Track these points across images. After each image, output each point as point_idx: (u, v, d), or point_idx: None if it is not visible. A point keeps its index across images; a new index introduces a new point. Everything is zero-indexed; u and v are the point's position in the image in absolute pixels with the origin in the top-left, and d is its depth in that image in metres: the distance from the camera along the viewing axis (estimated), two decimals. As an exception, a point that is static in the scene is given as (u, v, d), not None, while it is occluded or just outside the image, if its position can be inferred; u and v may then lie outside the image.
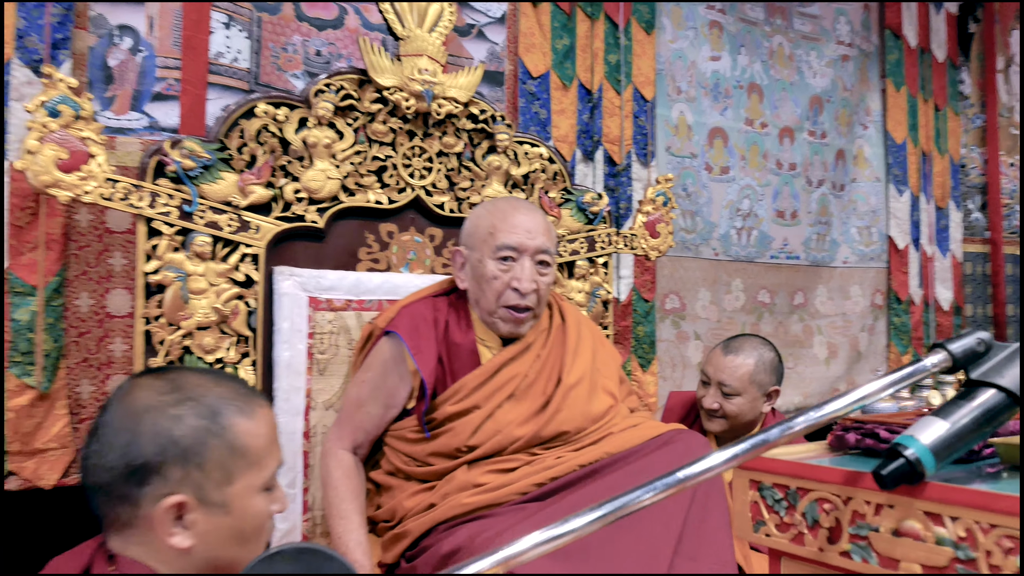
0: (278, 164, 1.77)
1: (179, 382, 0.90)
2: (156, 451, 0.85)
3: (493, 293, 1.62)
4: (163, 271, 1.62)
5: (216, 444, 0.87)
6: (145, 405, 0.87)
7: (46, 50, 2.19)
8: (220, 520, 0.88)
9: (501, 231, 1.63)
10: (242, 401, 0.91)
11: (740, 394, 2.08)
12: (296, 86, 2.59)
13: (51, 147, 1.53)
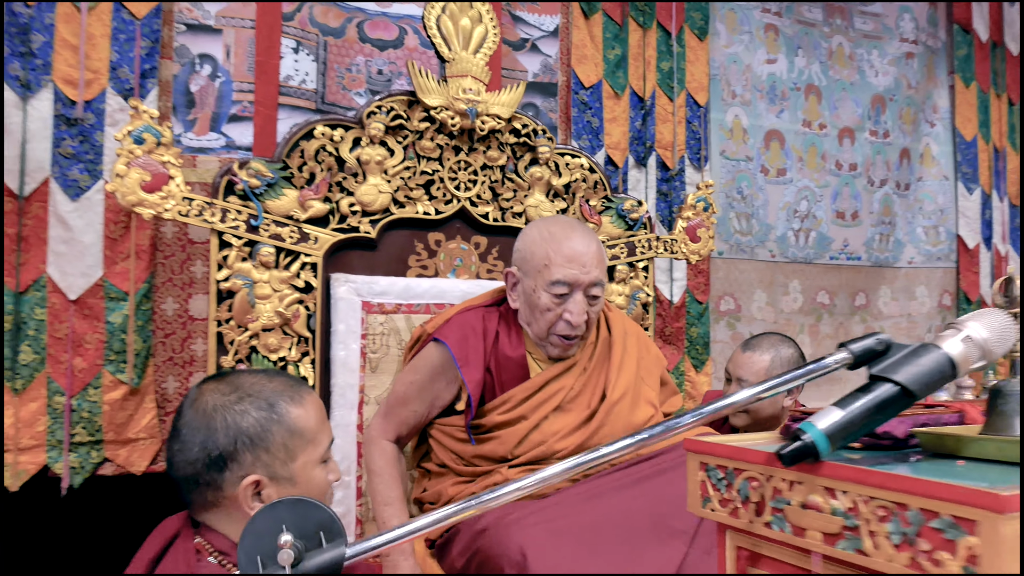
0: (334, 180, 1.95)
1: (237, 383, 1.06)
2: (229, 442, 1.01)
3: (545, 323, 1.69)
4: (233, 279, 1.82)
5: (277, 429, 1.03)
6: (214, 405, 1.03)
7: (135, 79, 2.44)
8: (290, 491, 1.04)
9: (556, 264, 1.66)
10: (292, 391, 1.07)
11: None
12: (359, 103, 2.78)
13: (136, 171, 1.74)
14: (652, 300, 2.34)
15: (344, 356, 1.91)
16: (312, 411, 1.08)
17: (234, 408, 1.02)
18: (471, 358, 1.69)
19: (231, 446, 1.01)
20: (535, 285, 1.69)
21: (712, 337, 3.43)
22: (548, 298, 1.67)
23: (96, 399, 2.35)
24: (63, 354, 2.32)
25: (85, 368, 2.34)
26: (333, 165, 1.95)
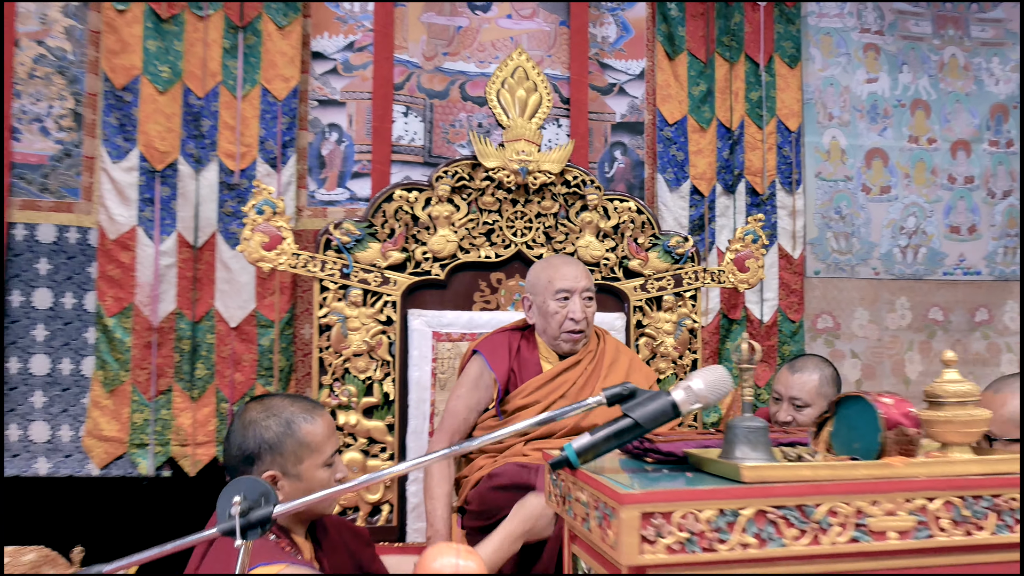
0: (410, 233, 2.41)
1: (268, 404, 1.52)
2: (255, 447, 1.47)
3: (556, 323, 2.14)
4: (330, 315, 2.33)
5: (289, 441, 1.48)
6: (249, 419, 1.50)
7: (278, 149, 3.05)
8: (297, 484, 1.48)
9: (557, 279, 2.16)
10: (306, 413, 1.51)
11: (810, 405, 2.33)
12: (462, 154, 3.24)
13: (259, 235, 2.30)
14: (698, 326, 2.58)
15: (418, 376, 2.36)
16: (320, 427, 1.51)
17: (261, 423, 1.48)
18: (499, 359, 2.15)
19: (256, 450, 1.46)
20: (544, 298, 2.16)
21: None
22: (555, 304, 2.14)
23: (251, 405, 2.98)
24: (227, 370, 2.97)
25: (243, 381, 2.97)
26: (409, 221, 2.41)
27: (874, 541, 0.93)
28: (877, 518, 0.93)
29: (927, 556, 0.96)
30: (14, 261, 2.85)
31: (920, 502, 0.95)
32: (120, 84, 2.92)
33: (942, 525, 0.95)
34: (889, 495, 0.94)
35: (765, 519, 0.91)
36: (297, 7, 3.08)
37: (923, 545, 0.95)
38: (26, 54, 2.91)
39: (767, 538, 0.91)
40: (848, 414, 1.07)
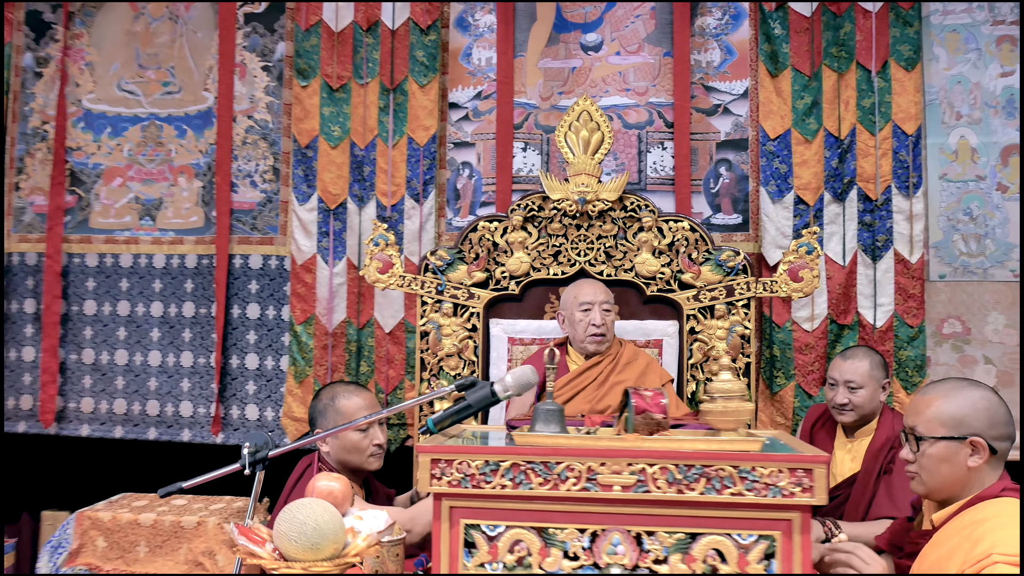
0: (491, 257, 2.94)
1: (330, 386, 2.15)
2: (313, 415, 2.11)
3: (582, 328, 2.63)
4: (428, 324, 2.93)
5: (330, 410, 2.10)
6: (318, 396, 2.14)
7: (420, 186, 3.73)
8: (334, 443, 2.09)
9: (580, 295, 2.70)
10: (348, 392, 2.13)
11: (863, 387, 2.60)
12: (576, 179, 3.69)
13: (375, 262, 2.97)
14: (751, 332, 2.82)
15: (496, 374, 2.89)
16: (355, 402, 2.11)
17: (320, 399, 2.11)
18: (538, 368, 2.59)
19: (314, 416, 2.10)
20: (572, 311, 2.69)
21: (934, 359, 3.51)
22: (580, 314, 2.65)
23: (401, 397, 3.69)
24: (383, 367, 3.70)
25: (394, 376, 3.69)
26: (490, 247, 2.94)
27: (601, 491, 1.31)
28: (604, 475, 1.31)
29: (645, 507, 1.31)
30: (233, 283, 3.82)
31: (641, 465, 1.30)
32: (304, 143, 3.78)
33: (658, 484, 1.30)
34: (616, 459, 1.31)
35: (519, 469, 1.33)
36: (435, 68, 3.74)
37: (641, 497, 1.30)
38: (240, 126, 3.88)
39: (519, 482, 1.33)
40: (630, 403, 1.43)
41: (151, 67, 3.97)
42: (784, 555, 1.29)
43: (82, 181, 3.97)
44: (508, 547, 1.35)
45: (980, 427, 1.66)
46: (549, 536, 1.34)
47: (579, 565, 1.33)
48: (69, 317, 3.93)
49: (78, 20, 4.02)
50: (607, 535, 1.33)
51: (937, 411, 1.68)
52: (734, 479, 1.28)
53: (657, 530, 1.31)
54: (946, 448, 1.67)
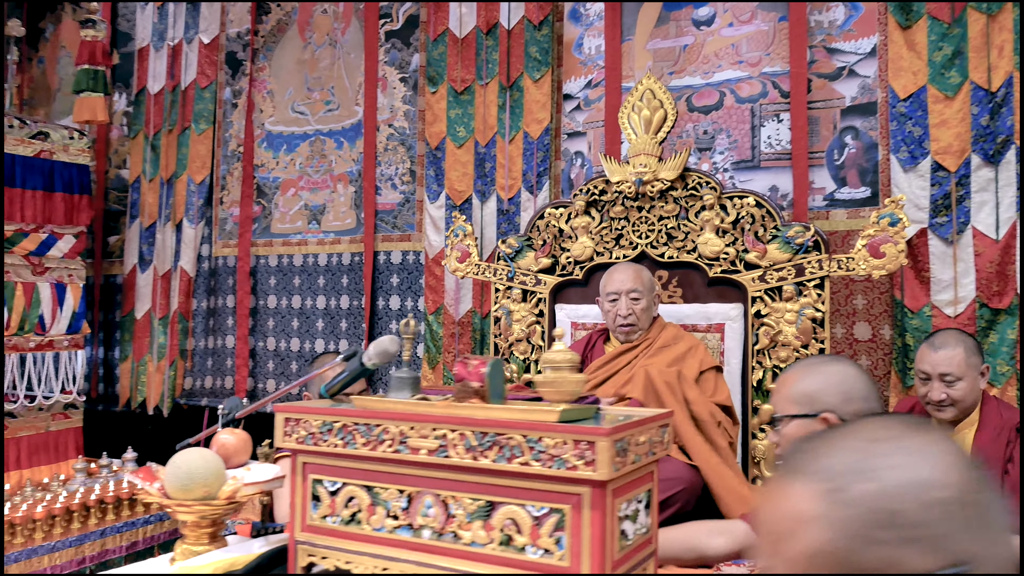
0: (557, 243, 2.97)
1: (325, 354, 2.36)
2: None
3: (611, 319, 2.61)
4: (500, 310, 3.04)
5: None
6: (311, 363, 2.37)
7: (534, 178, 3.83)
8: None
9: (608, 285, 2.66)
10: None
11: (962, 378, 2.28)
12: (690, 162, 3.57)
13: (455, 252, 3.14)
14: (823, 316, 2.54)
15: (561, 358, 2.91)
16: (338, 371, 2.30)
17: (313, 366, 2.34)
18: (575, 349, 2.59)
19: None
20: (603, 300, 2.67)
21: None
22: (608, 304, 2.63)
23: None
24: (502, 353, 3.85)
25: (511, 362, 3.82)
26: (556, 233, 2.97)
27: (410, 454, 1.36)
28: (413, 439, 1.35)
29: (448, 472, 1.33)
30: (378, 278, 4.22)
31: (443, 431, 1.33)
32: (434, 145, 4.07)
33: (457, 450, 1.32)
34: (422, 424, 1.35)
35: (348, 430, 1.42)
36: (548, 62, 3.82)
37: (442, 462, 1.33)
38: (382, 135, 4.27)
39: (347, 442, 1.42)
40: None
41: (316, 89, 4.51)
42: (573, 530, 1.23)
43: (265, 193, 4.63)
44: (344, 502, 1.44)
45: (833, 402, 1.51)
46: (376, 495, 1.41)
47: (398, 525, 1.39)
48: (257, 310, 4.60)
49: (261, 55, 4.69)
50: (421, 497, 1.36)
51: (791, 389, 1.57)
52: (523, 449, 1.26)
53: (462, 496, 1.33)
54: (799, 427, 1.54)
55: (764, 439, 2.62)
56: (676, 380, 2.34)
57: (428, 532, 1.36)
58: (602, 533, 1.23)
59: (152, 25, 4.99)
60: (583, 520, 1.22)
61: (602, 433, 1.20)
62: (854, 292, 3.21)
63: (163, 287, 4.78)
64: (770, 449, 2.60)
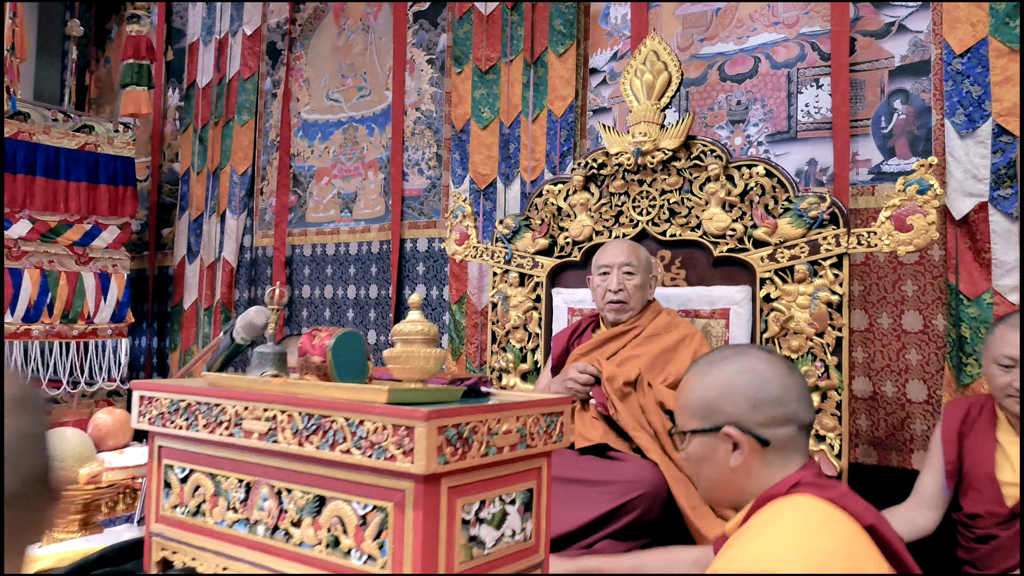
0: (556, 223, 2.74)
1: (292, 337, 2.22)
2: None
3: (599, 295, 2.35)
4: (497, 295, 2.84)
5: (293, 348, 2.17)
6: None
7: (557, 158, 3.60)
8: None
9: (600, 258, 2.41)
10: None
11: None
12: (721, 136, 3.26)
13: (454, 234, 2.97)
14: (841, 299, 2.21)
15: (557, 347, 2.68)
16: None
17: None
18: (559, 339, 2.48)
19: None
20: (592, 275, 2.42)
21: None
22: (598, 279, 2.38)
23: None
24: (524, 344, 3.64)
25: (533, 354, 3.61)
26: (554, 211, 2.75)
27: (244, 438, 1.19)
28: (248, 420, 1.18)
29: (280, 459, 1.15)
30: (404, 266, 4.09)
31: (274, 412, 1.15)
32: (459, 128, 3.91)
33: (285, 434, 1.14)
34: (255, 403, 1.18)
35: (192, 410, 1.27)
36: (572, 35, 3.59)
37: (272, 448, 1.15)
38: (410, 119, 4.14)
39: (191, 423, 1.27)
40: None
41: (350, 75, 4.44)
42: (396, 533, 1.03)
43: (301, 182, 4.59)
44: (192, 491, 1.29)
45: (737, 412, 1.19)
46: (218, 484, 1.25)
47: (236, 518, 1.22)
48: (293, 300, 4.58)
49: (299, 44, 4.67)
50: (258, 488, 1.19)
51: (688, 397, 1.26)
52: (345, 434, 1.07)
53: (295, 487, 1.15)
54: (701, 444, 1.22)
55: (773, 439, 2.31)
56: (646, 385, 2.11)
57: (262, 528, 1.19)
58: (431, 538, 1.02)
59: (201, 20, 5.06)
60: (407, 523, 1.02)
61: (419, 417, 0.99)
62: (903, 276, 2.83)
63: (208, 278, 4.83)
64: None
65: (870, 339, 2.88)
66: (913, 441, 2.80)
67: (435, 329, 1.17)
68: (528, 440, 1.17)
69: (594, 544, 1.80)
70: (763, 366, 1.22)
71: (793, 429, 1.20)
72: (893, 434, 2.86)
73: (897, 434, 2.85)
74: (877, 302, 2.88)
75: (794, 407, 1.20)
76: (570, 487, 1.88)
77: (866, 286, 2.89)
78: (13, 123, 3.99)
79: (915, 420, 2.81)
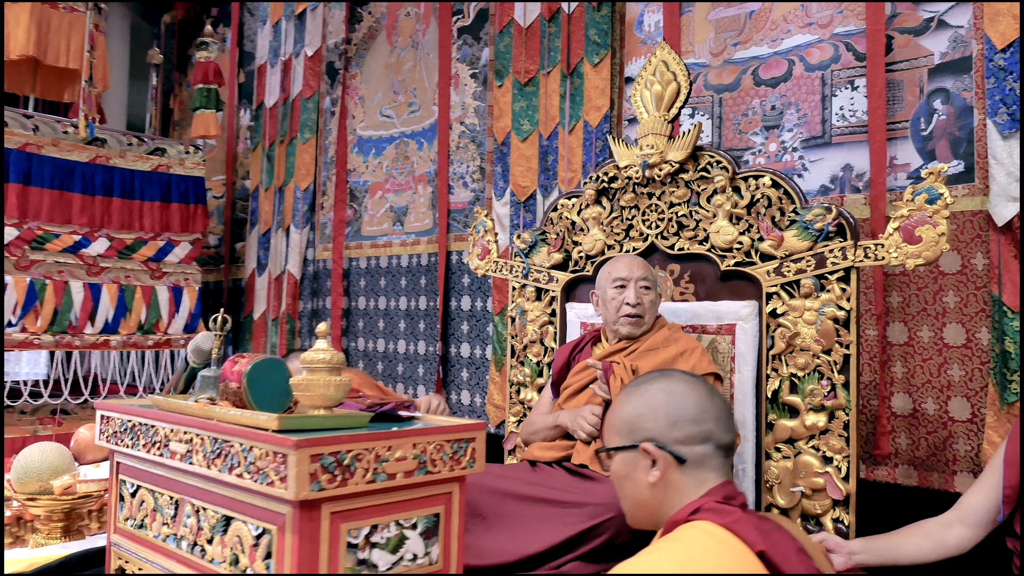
0: (570, 237, 2.74)
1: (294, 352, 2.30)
2: None
3: (614, 308, 2.28)
4: (514, 310, 2.86)
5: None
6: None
7: (592, 169, 3.58)
8: None
9: (614, 271, 2.32)
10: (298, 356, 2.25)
11: None
12: (755, 142, 3.18)
13: (476, 249, 3.00)
14: (848, 315, 2.11)
15: (571, 362, 2.68)
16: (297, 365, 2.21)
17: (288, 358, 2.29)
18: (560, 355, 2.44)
19: None
20: (605, 289, 2.34)
21: None
22: (613, 291, 2.30)
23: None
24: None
25: (570, 365, 3.59)
26: (569, 225, 2.74)
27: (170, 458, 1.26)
28: (173, 442, 1.26)
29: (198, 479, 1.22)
30: (451, 278, 4.16)
31: (191, 435, 1.22)
32: (500, 140, 3.95)
33: (199, 457, 1.20)
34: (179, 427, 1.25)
35: (135, 431, 1.35)
36: (607, 44, 3.58)
37: (189, 468, 1.22)
38: (454, 132, 4.21)
39: (135, 442, 1.35)
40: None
41: (401, 92, 4.56)
42: (278, 555, 1.07)
43: (356, 197, 4.74)
44: (138, 505, 1.38)
45: (656, 429, 1.22)
46: (156, 499, 1.33)
47: (168, 533, 1.30)
48: (350, 311, 4.73)
49: (354, 63, 4.83)
50: (183, 505, 1.26)
51: (614, 417, 1.30)
52: (240, 458, 1.12)
53: (208, 507, 1.21)
54: (623, 461, 1.26)
55: (779, 460, 2.22)
56: None
57: (185, 544, 1.26)
58: (310, 561, 1.06)
59: (268, 43, 5.31)
60: (286, 545, 1.06)
61: (289, 445, 1.04)
62: (944, 287, 2.67)
63: (275, 290, 5.06)
64: (785, 473, 2.21)
65: (910, 353, 2.74)
66: (956, 462, 2.64)
67: (340, 357, 1.20)
68: (429, 467, 1.19)
69: (563, 565, 1.79)
70: (683, 387, 1.27)
71: (709, 448, 1.22)
72: (934, 454, 2.69)
73: (939, 454, 2.69)
74: (917, 314, 2.73)
75: (710, 426, 1.23)
76: (540, 506, 1.88)
77: (905, 297, 2.74)
78: (91, 148, 4.30)
79: (958, 440, 2.64)
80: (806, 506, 2.14)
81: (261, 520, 1.11)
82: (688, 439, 1.22)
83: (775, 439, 2.21)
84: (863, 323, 2.76)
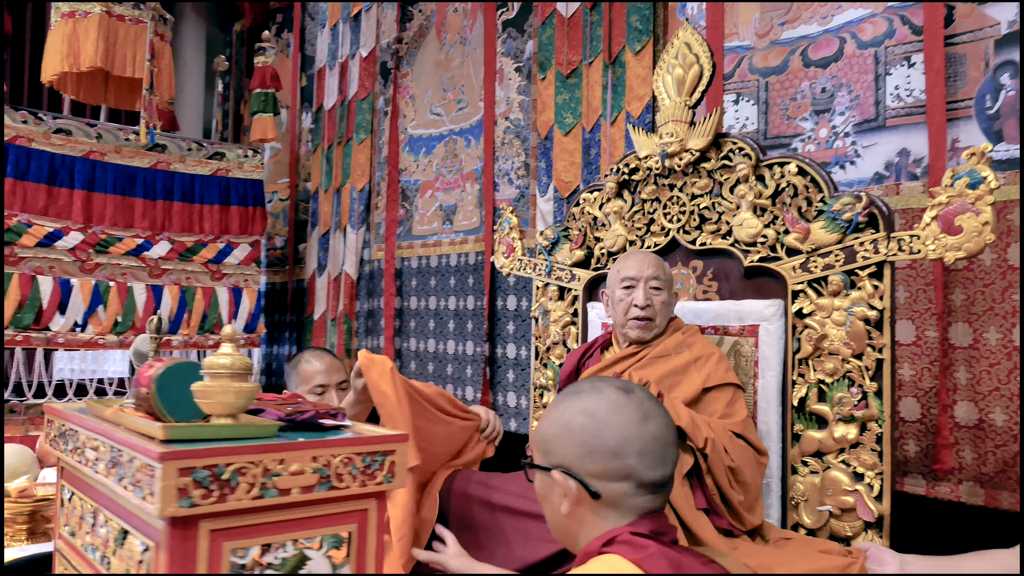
0: (591, 233, 2.59)
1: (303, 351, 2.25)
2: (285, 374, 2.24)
3: (622, 310, 2.12)
4: (538, 310, 2.74)
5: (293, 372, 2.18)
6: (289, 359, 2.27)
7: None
8: None
9: (623, 269, 2.15)
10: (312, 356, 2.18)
11: None
12: (805, 128, 2.95)
13: (501, 247, 2.90)
14: (882, 315, 1.88)
15: (591, 363, 2.53)
16: (314, 367, 2.15)
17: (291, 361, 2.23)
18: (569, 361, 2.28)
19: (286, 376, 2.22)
20: (613, 289, 2.18)
21: None
22: (621, 291, 2.14)
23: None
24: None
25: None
26: (591, 221, 2.60)
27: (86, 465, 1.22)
28: (87, 449, 1.21)
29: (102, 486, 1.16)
30: (497, 277, 4.07)
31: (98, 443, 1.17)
32: (543, 135, 3.83)
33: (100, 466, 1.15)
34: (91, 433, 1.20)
35: (67, 436, 1.32)
36: (648, 31, 3.40)
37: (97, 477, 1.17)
38: (500, 128, 4.12)
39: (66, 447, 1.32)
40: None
41: (450, 89, 4.50)
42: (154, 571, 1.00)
43: (408, 196, 4.72)
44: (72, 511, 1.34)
45: (568, 457, 1.08)
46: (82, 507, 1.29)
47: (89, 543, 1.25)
48: (403, 311, 4.71)
49: (405, 62, 4.80)
50: (98, 515, 1.22)
51: (540, 425, 1.16)
52: (127, 469, 1.05)
53: (112, 518, 1.15)
54: (540, 481, 1.13)
55: (806, 475, 2.01)
56: None
57: (99, 554, 1.21)
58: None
59: (327, 46, 5.36)
60: (159, 563, 0.99)
61: (154, 457, 0.96)
62: (1013, 284, 2.38)
63: (334, 290, 5.10)
64: (812, 490, 2.00)
65: (975, 358, 2.45)
66: (1028, 481, 2.35)
67: (246, 362, 1.12)
68: (334, 481, 1.09)
69: (544, 585, 1.66)
70: (607, 410, 1.10)
71: (629, 487, 1.06)
72: (1003, 471, 2.41)
73: (1008, 471, 2.40)
74: (983, 313, 2.44)
75: (631, 462, 1.06)
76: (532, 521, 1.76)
77: (969, 295, 2.46)
78: (152, 155, 4.44)
79: (1030, 455, 2.35)
80: (835, 527, 1.93)
81: (145, 536, 1.04)
82: (603, 474, 1.06)
83: (802, 452, 2.01)
84: (923, 324, 2.51)
